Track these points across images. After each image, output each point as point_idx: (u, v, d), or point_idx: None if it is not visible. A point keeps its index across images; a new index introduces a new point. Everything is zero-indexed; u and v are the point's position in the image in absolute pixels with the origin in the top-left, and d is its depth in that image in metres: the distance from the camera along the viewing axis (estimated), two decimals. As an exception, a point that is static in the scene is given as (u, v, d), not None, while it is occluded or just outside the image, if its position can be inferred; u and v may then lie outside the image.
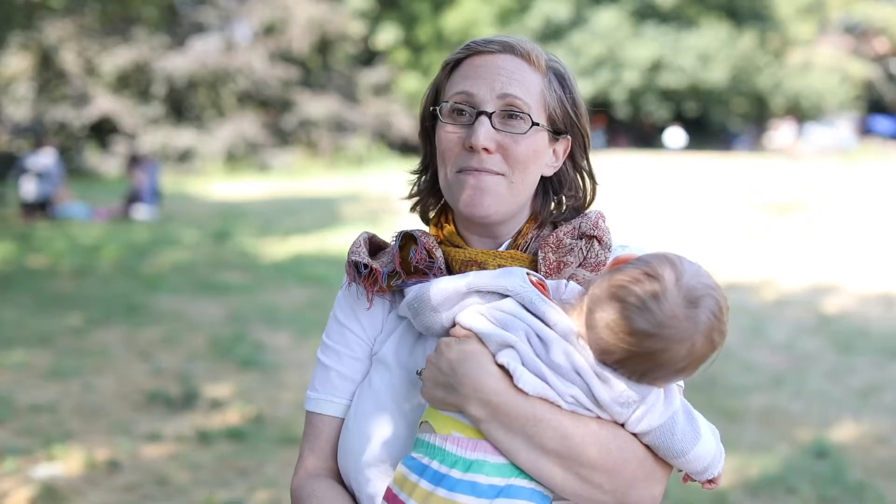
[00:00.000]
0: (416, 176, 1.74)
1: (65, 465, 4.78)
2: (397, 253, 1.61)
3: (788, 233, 14.95)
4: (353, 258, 1.62)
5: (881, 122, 49.13)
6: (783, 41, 43.73)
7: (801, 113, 45.89)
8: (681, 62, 40.21)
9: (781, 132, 48.80)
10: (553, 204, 1.66)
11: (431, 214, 1.71)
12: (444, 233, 1.63)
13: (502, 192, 1.53)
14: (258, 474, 4.73)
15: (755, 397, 6.18)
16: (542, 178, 1.62)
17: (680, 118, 43.99)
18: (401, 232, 1.65)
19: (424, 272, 1.57)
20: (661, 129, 42.89)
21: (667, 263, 1.31)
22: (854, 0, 45.29)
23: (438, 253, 1.58)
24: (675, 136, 38.63)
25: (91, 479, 4.63)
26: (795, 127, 48.34)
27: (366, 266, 1.60)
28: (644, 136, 44.09)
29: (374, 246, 1.70)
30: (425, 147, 1.68)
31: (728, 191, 21.52)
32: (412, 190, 1.73)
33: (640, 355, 1.30)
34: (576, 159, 1.65)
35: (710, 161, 32.27)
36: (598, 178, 1.70)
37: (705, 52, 40.28)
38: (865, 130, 49.50)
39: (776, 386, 6.48)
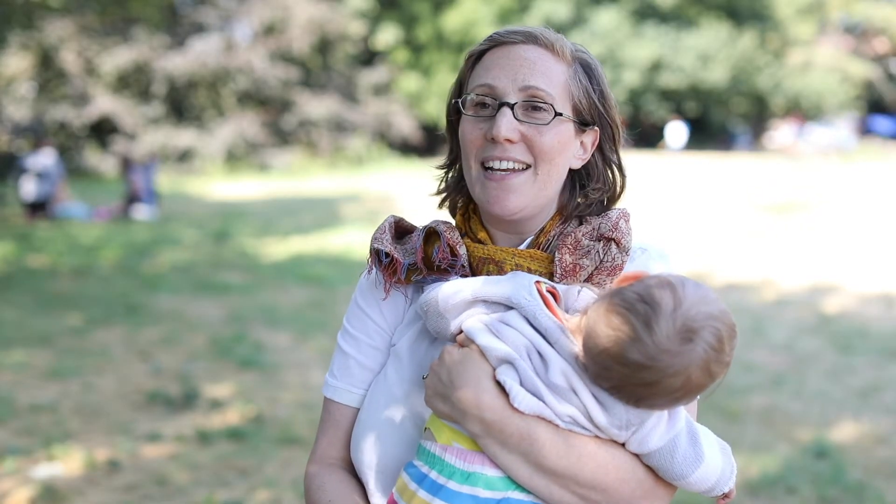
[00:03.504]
0: (443, 172, 1.71)
1: (65, 465, 4.78)
2: (420, 247, 1.58)
3: (788, 233, 14.94)
4: (376, 245, 1.60)
5: (881, 122, 49.07)
6: (783, 41, 43.71)
7: (801, 113, 45.87)
8: (681, 62, 40.20)
9: (781, 132, 48.78)
10: (581, 197, 1.62)
11: (459, 208, 1.69)
12: (470, 225, 1.61)
13: (528, 188, 1.51)
14: (258, 474, 4.73)
15: (755, 397, 6.18)
16: (571, 171, 1.59)
17: (680, 118, 43.97)
18: (425, 226, 1.62)
19: (446, 270, 1.55)
20: (661, 129, 42.88)
21: (667, 290, 1.26)
22: (854, 0, 45.27)
23: (462, 250, 1.55)
24: (675, 131, 38.59)
25: (91, 479, 4.63)
26: (795, 127, 48.32)
27: (387, 255, 1.58)
28: (644, 135, 44.08)
29: (401, 229, 1.67)
30: (451, 141, 1.66)
31: (728, 191, 21.52)
32: (440, 186, 1.70)
33: (634, 384, 1.26)
34: (605, 152, 1.62)
35: (710, 161, 32.27)
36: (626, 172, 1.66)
37: (705, 52, 40.27)
38: (865, 130, 49.45)
39: (776, 386, 6.48)
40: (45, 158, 16.72)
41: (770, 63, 42.55)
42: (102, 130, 28.93)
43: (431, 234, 1.61)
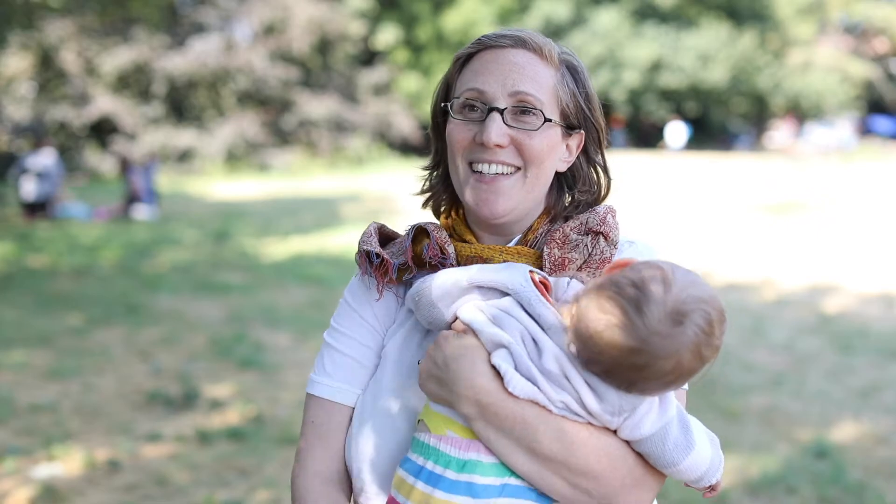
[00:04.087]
0: (428, 172, 1.72)
1: (65, 465, 4.78)
2: (409, 247, 1.59)
3: (788, 233, 14.95)
4: (365, 248, 1.60)
5: (881, 122, 49.11)
6: (783, 41, 43.71)
7: (801, 113, 45.88)
8: (681, 62, 40.19)
9: (781, 132, 48.79)
10: (567, 199, 1.63)
11: (443, 209, 1.70)
12: (453, 224, 1.62)
13: (517, 191, 1.52)
14: (258, 474, 4.73)
15: (755, 397, 6.18)
16: (556, 173, 1.60)
17: (680, 118, 44.00)
18: (413, 225, 1.63)
19: (437, 267, 1.55)
20: (661, 129, 42.92)
21: (658, 274, 1.27)
22: (854, 0, 45.28)
23: (451, 249, 1.56)
24: (675, 131, 38.65)
25: (91, 479, 4.63)
26: (795, 127, 48.33)
27: (377, 255, 1.59)
28: (644, 135, 44.10)
29: (384, 236, 1.68)
30: (436, 143, 1.67)
31: (728, 191, 21.53)
32: (423, 186, 1.71)
33: (625, 368, 1.27)
34: (589, 154, 1.63)
35: (710, 161, 32.28)
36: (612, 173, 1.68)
37: (705, 52, 40.27)
38: (865, 130, 49.50)
39: (776, 386, 6.48)
40: (45, 158, 16.72)
41: (770, 63, 42.55)
42: (102, 130, 28.94)
43: (420, 233, 1.61)
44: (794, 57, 43.72)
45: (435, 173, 1.70)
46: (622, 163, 28.52)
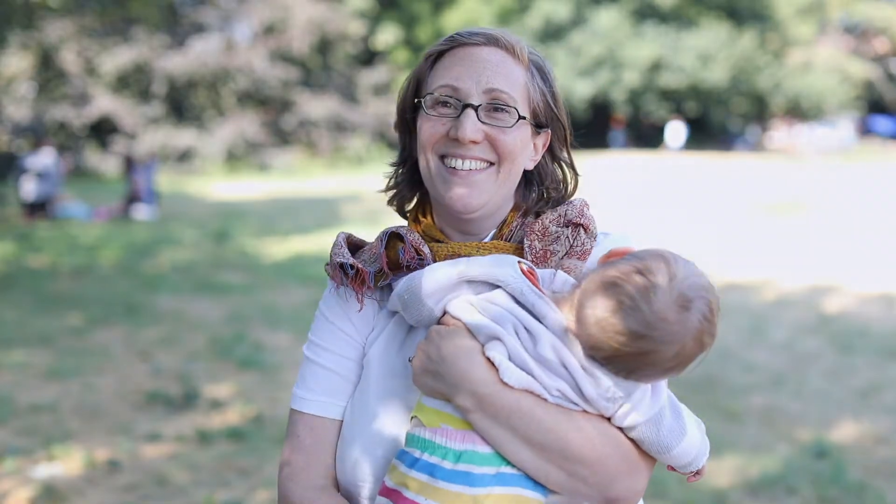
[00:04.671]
0: (394, 169, 1.71)
1: (65, 465, 4.78)
2: (384, 253, 1.58)
3: (788, 233, 14.94)
4: (339, 259, 1.59)
5: (881, 122, 49.11)
6: (783, 41, 43.69)
7: (801, 113, 45.85)
8: (681, 62, 40.16)
9: (781, 132, 48.78)
10: (535, 195, 1.65)
11: (408, 207, 1.70)
12: (423, 227, 1.61)
13: (489, 186, 1.53)
14: (258, 474, 4.73)
15: (755, 397, 6.18)
16: (524, 171, 1.61)
17: (680, 118, 43.96)
18: (386, 231, 1.62)
19: (414, 270, 1.54)
20: (661, 129, 42.90)
21: (661, 262, 1.30)
22: (854, 0, 45.27)
23: (426, 250, 1.56)
24: (675, 131, 38.63)
25: (91, 479, 4.63)
26: (795, 127, 48.31)
27: (352, 266, 1.58)
28: (644, 135, 44.08)
29: (353, 245, 1.68)
30: (403, 139, 1.67)
31: (728, 191, 21.52)
32: (389, 182, 1.71)
33: (629, 354, 1.29)
34: (555, 152, 1.65)
35: (710, 161, 32.26)
36: (578, 170, 1.70)
37: (705, 52, 40.24)
38: (865, 130, 49.48)
39: (776, 386, 6.48)
40: (45, 158, 16.73)
41: (770, 63, 42.52)
42: (102, 130, 28.96)
43: (393, 238, 1.61)
44: (794, 57, 43.70)
45: (401, 170, 1.70)
46: (622, 163, 28.54)
